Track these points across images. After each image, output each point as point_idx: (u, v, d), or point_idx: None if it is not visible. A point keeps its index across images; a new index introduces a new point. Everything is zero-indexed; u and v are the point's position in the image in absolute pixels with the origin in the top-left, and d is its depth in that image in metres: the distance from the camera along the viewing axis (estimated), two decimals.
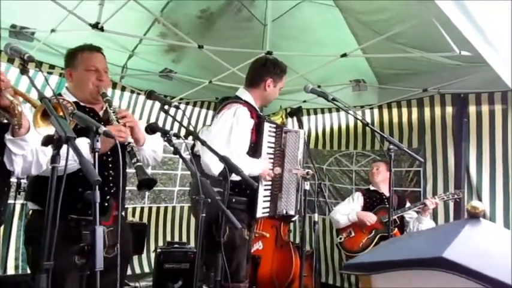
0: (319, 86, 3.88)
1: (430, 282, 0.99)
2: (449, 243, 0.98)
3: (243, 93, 2.67)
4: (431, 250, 1.00)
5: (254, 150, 2.51)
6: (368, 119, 4.61)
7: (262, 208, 2.52)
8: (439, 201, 3.63)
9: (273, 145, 2.60)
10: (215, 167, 2.25)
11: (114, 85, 4.44)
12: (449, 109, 4.12)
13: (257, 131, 2.53)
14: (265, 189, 2.55)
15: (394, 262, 1.04)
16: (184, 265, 3.92)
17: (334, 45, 3.72)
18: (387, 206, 3.82)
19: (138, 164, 1.76)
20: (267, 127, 2.55)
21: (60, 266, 1.32)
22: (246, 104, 2.57)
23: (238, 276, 2.44)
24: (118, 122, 1.89)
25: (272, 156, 2.60)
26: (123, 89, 4.57)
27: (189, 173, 5.01)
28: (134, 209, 4.97)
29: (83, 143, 1.62)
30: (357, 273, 1.17)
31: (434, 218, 3.96)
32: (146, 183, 1.73)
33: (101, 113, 2.06)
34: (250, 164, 2.40)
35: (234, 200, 2.39)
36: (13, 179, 3.43)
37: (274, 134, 2.62)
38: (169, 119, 4.90)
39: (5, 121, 1.57)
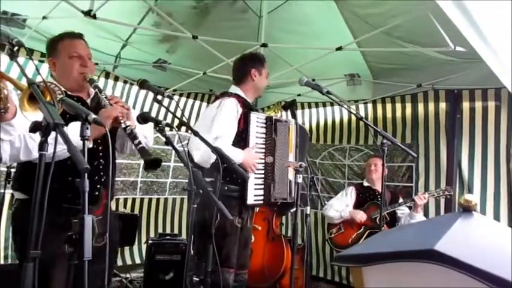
0: (313, 80, 3.84)
1: (421, 274, 0.98)
2: (441, 236, 0.98)
3: (234, 89, 2.80)
4: (423, 242, 0.99)
5: (242, 139, 2.58)
6: (362, 114, 4.59)
7: (253, 196, 2.59)
8: (428, 197, 3.64)
9: (263, 135, 2.68)
10: (199, 155, 2.31)
11: (107, 75, 4.40)
12: (442, 105, 4.13)
13: (245, 121, 2.61)
14: (257, 178, 2.61)
15: (386, 254, 1.03)
16: (175, 257, 3.91)
17: (329, 38, 3.70)
18: (378, 202, 3.83)
19: (141, 145, 1.74)
20: (254, 118, 2.63)
21: (48, 255, 1.30)
22: (235, 95, 2.68)
23: (228, 262, 2.51)
24: (111, 105, 1.87)
25: (264, 146, 2.67)
26: (116, 79, 4.52)
27: (181, 164, 4.99)
28: (126, 200, 4.94)
29: (75, 128, 1.59)
30: (347, 265, 1.17)
31: (425, 213, 3.98)
32: (152, 163, 1.70)
33: (88, 101, 2.02)
34: (230, 153, 2.39)
35: (226, 188, 2.46)
36: (3, 168, 3.40)
37: (264, 125, 2.69)
38: (162, 111, 4.88)
39: None
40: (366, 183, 4.05)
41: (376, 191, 3.94)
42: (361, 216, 3.80)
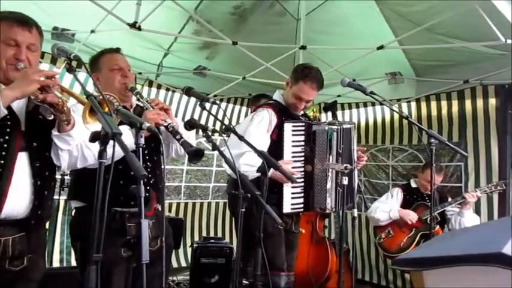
0: (354, 80, 3.81)
1: (486, 279, 0.95)
2: (508, 238, 0.94)
3: (276, 95, 2.79)
4: (488, 245, 0.96)
5: (276, 149, 2.50)
6: (405, 113, 4.48)
7: (290, 204, 2.56)
8: (480, 194, 3.47)
9: (302, 143, 2.58)
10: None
11: (150, 83, 4.53)
12: (492, 101, 3.96)
13: (280, 132, 2.55)
14: (295, 186, 2.55)
15: (448, 258, 1.00)
16: (220, 260, 3.95)
17: (369, 38, 3.65)
18: (426, 202, 3.70)
19: (183, 139, 1.81)
20: (289, 128, 2.55)
21: (107, 259, 1.36)
22: (272, 105, 2.68)
23: (276, 264, 2.48)
24: (153, 108, 1.96)
25: (302, 154, 2.59)
26: (159, 87, 4.65)
27: (223, 169, 5.05)
28: (170, 204, 5.06)
29: (125, 132, 1.69)
30: (408, 269, 1.14)
31: (477, 212, 3.82)
32: (195, 154, 1.77)
33: (131, 111, 2.08)
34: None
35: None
36: (57, 176, 3.58)
37: (302, 133, 2.59)
38: (204, 117, 4.97)
39: (51, 118, 1.63)
40: (414, 185, 3.90)
41: (423, 192, 3.81)
42: (412, 217, 3.64)
